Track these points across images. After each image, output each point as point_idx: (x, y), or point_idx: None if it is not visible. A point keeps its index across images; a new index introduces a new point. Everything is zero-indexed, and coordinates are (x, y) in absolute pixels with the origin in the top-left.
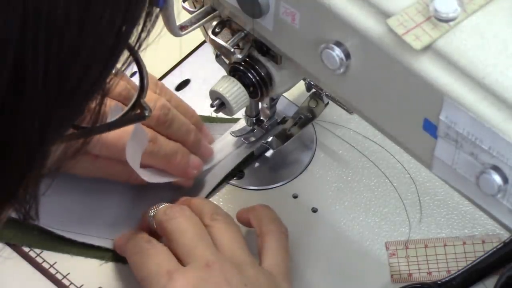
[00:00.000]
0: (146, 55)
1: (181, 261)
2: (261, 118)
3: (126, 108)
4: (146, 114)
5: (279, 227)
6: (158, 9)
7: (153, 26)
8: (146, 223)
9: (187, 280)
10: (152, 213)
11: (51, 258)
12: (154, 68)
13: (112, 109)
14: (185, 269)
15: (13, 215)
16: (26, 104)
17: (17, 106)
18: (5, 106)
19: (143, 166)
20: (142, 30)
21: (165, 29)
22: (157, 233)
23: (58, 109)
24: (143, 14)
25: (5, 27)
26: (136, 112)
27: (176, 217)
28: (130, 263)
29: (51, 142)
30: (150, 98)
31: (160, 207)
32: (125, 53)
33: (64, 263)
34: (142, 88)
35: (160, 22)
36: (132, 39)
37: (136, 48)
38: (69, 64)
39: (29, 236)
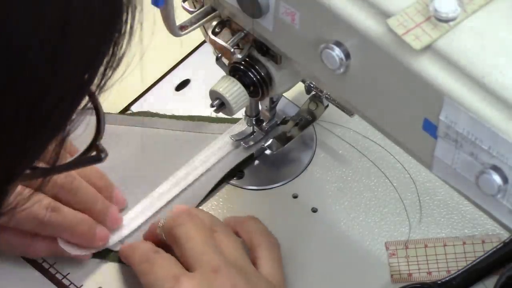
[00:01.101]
0: (146, 56)
1: (188, 268)
2: (261, 118)
3: (81, 150)
4: (102, 156)
5: (269, 238)
6: (120, 55)
7: (114, 72)
8: (152, 234)
9: (193, 285)
10: (161, 223)
11: (51, 258)
12: (154, 68)
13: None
14: (192, 274)
15: None
16: None
17: None
18: None
19: (46, 237)
20: (103, 76)
21: (165, 29)
22: (165, 244)
23: (26, 142)
24: (105, 62)
25: None
26: (91, 154)
27: (185, 223)
28: (137, 271)
29: (14, 178)
30: None
31: (168, 215)
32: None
33: (64, 263)
34: (99, 131)
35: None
36: (94, 83)
37: (96, 92)
38: (41, 96)
39: None
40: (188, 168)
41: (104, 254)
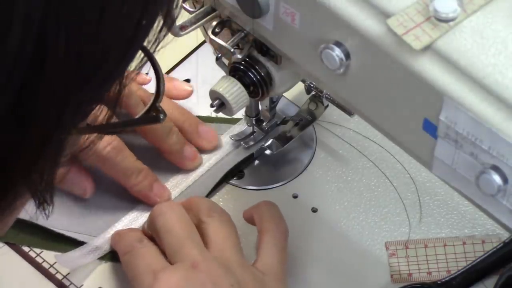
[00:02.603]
0: None
1: (169, 260)
2: (261, 118)
3: (141, 112)
4: (161, 117)
5: (278, 226)
6: (178, 8)
7: (172, 24)
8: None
9: (171, 281)
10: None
11: (51, 258)
12: None
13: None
14: (170, 269)
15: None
16: (45, 83)
17: (37, 84)
18: (26, 82)
19: (92, 178)
20: (161, 30)
21: None
22: None
23: (75, 94)
24: (164, 12)
25: (30, 2)
26: (151, 114)
27: (164, 212)
28: (122, 262)
29: (66, 128)
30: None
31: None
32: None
33: None
34: (159, 92)
35: None
36: (150, 41)
37: (153, 49)
38: (88, 50)
39: (30, 236)
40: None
41: (104, 255)
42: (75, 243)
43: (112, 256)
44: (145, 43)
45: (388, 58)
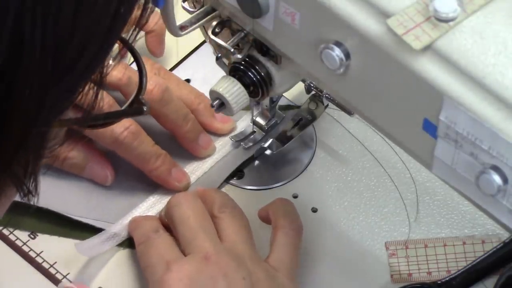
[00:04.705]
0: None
1: (182, 251)
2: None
3: (125, 105)
4: (145, 109)
5: (293, 223)
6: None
7: (149, 14)
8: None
9: (183, 272)
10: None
11: (51, 258)
12: None
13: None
14: (183, 260)
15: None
16: (23, 75)
17: (15, 76)
18: (3, 74)
19: (111, 165)
20: (140, 17)
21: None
22: None
23: (53, 86)
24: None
25: None
26: (134, 106)
27: (180, 203)
28: (136, 251)
29: (46, 120)
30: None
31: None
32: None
33: (64, 263)
34: (141, 85)
35: None
36: (130, 33)
37: (132, 39)
38: (65, 42)
39: (48, 224)
40: (189, 169)
41: (122, 242)
42: (93, 230)
43: (130, 242)
44: (125, 34)
45: (388, 58)
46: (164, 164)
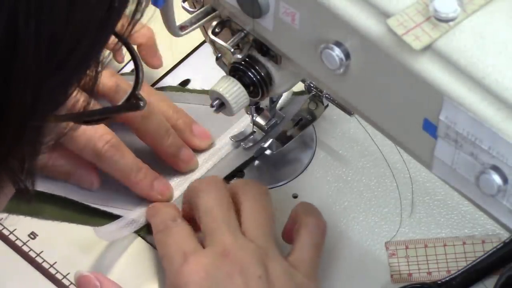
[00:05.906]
0: None
1: (203, 240)
2: (261, 106)
3: (122, 100)
4: (141, 104)
5: (315, 221)
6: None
7: (144, 9)
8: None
9: (200, 265)
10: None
11: (51, 258)
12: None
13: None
14: (201, 253)
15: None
16: (17, 68)
17: (9, 69)
18: None
19: (97, 171)
20: (134, 14)
21: (165, 29)
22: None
23: (48, 79)
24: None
25: None
26: (131, 102)
27: (207, 190)
28: (154, 239)
29: (42, 114)
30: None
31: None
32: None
33: (64, 263)
34: (138, 80)
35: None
36: (125, 28)
37: (127, 33)
38: (60, 35)
39: (67, 211)
40: (184, 175)
41: (141, 228)
42: (111, 217)
43: (148, 229)
44: (119, 28)
45: (388, 58)
46: (146, 178)
